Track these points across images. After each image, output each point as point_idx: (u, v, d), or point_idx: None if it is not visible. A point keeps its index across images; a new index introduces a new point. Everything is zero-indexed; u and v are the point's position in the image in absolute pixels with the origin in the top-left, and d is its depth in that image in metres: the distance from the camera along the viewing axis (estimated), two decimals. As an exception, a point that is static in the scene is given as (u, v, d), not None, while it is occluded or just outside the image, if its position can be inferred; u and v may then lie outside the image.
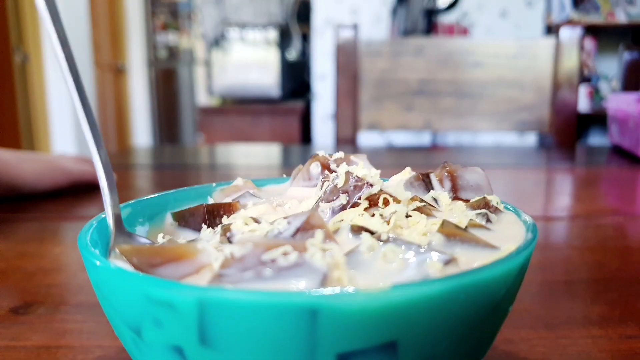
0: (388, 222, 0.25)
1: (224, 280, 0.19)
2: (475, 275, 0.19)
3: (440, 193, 0.29)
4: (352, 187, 0.27)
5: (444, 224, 0.24)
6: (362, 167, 0.28)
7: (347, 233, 0.24)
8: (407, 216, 0.26)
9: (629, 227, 0.59)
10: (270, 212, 0.29)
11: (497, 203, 0.28)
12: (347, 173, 0.27)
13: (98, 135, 0.25)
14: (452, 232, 0.23)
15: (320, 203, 0.27)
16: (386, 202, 0.26)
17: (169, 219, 0.31)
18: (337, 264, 0.19)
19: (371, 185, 0.27)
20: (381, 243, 0.22)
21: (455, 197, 0.29)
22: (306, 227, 0.22)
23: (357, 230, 0.24)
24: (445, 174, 0.30)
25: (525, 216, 0.27)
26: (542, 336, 0.33)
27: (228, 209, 0.30)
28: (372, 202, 0.26)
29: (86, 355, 0.31)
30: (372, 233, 0.23)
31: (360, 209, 0.26)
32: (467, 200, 0.29)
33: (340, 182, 0.27)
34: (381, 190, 0.27)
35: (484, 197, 0.28)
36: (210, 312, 0.18)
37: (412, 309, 0.18)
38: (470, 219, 0.26)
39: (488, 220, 0.27)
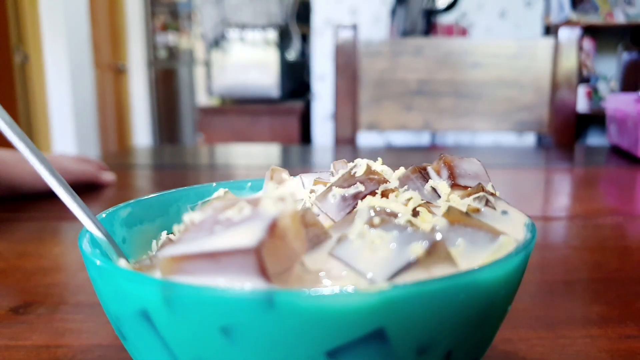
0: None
1: (179, 244, 0.19)
2: (474, 276, 0.19)
3: (439, 182, 0.29)
4: (368, 180, 0.27)
5: (450, 209, 0.24)
6: (380, 164, 0.28)
7: (367, 214, 0.23)
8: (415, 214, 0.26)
9: (627, 227, 0.59)
10: None
11: (493, 188, 0.28)
12: (368, 165, 0.28)
13: (50, 168, 0.24)
14: (456, 219, 0.23)
15: (333, 187, 0.27)
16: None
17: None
18: (289, 211, 0.19)
19: (388, 182, 0.27)
20: (372, 229, 0.21)
21: (454, 184, 0.29)
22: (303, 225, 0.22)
23: (377, 212, 0.23)
24: (442, 164, 0.30)
25: (524, 216, 0.27)
26: (541, 336, 0.33)
27: None
28: (386, 196, 0.27)
29: (86, 355, 0.31)
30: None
31: (376, 198, 0.26)
32: (465, 187, 0.29)
33: (359, 172, 0.27)
34: (397, 187, 0.27)
35: (479, 184, 0.28)
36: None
37: (393, 312, 0.18)
38: (469, 205, 0.26)
39: (488, 202, 0.27)
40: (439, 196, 0.28)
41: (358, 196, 0.27)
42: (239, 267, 0.18)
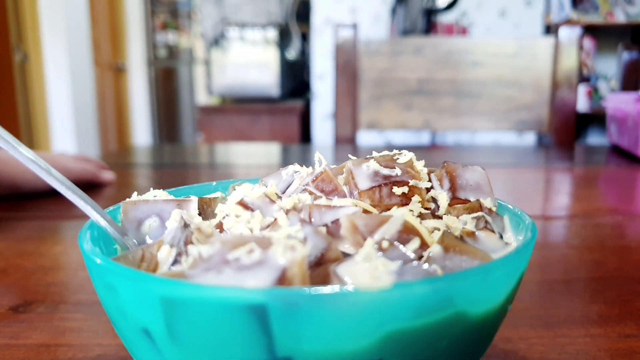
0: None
1: (187, 279, 0.19)
2: (473, 275, 0.19)
3: (440, 193, 0.29)
4: (406, 170, 0.28)
5: (445, 235, 0.23)
6: (422, 163, 0.29)
7: (396, 231, 0.23)
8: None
9: (627, 226, 0.59)
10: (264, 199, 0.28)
11: (492, 207, 0.28)
12: (412, 159, 0.29)
13: (53, 170, 0.25)
14: (451, 244, 0.23)
15: (371, 160, 0.28)
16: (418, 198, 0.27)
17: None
18: (297, 260, 0.19)
19: (421, 180, 0.28)
20: (379, 253, 0.21)
21: (454, 197, 0.29)
22: (322, 261, 0.22)
23: (408, 230, 0.23)
24: (445, 173, 0.30)
25: (525, 216, 0.27)
26: (541, 335, 0.33)
27: (209, 203, 0.31)
28: (411, 192, 0.27)
29: (86, 354, 0.31)
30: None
31: (400, 190, 0.27)
32: (465, 201, 0.29)
33: (402, 160, 0.28)
34: (426, 188, 0.28)
35: (478, 200, 0.28)
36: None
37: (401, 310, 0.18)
38: (464, 228, 0.26)
39: (487, 224, 0.27)
40: (438, 207, 0.29)
41: (389, 178, 0.27)
42: None
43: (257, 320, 0.17)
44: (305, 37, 3.49)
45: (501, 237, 0.27)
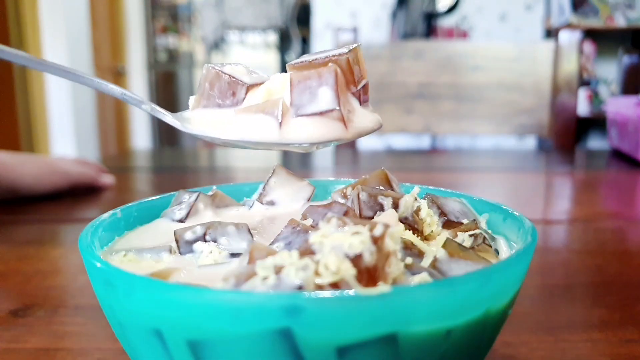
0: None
1: None
2: (474, 279, 0.19)
3: (431, 216, 0.30)
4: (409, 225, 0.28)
5: (447, 242, 0.24)
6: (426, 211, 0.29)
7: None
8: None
9: (628, 230, 0.59)
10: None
11: (485, 230, 0.29)
12: (419, 207, 0.29)
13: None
14: (454, 251, 0.23)
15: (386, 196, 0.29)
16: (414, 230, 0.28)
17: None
18: (310, 280, 0.19)
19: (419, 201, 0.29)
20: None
21: (448, 221, 0.30)
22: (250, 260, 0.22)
23: (407, 246, 0.24)
24: (431, 202, 0.31)
25: (525, 220, 0.27)
26: (541, 339, 0.32)
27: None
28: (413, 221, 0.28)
29: (85, 358, 0.31)
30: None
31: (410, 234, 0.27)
32: (459, 223, 0.30)
33: (403, 211, 0.28)
34: (417, 211, 0.29)
35: (474, 221, 0.28)
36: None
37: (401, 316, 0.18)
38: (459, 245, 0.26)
39: (485, 239, 0.27)
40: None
41: (391, 195, 0.28)
42: None
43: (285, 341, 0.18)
44: (305, 41, 3.50)
45: (497, 253, 0.27)
